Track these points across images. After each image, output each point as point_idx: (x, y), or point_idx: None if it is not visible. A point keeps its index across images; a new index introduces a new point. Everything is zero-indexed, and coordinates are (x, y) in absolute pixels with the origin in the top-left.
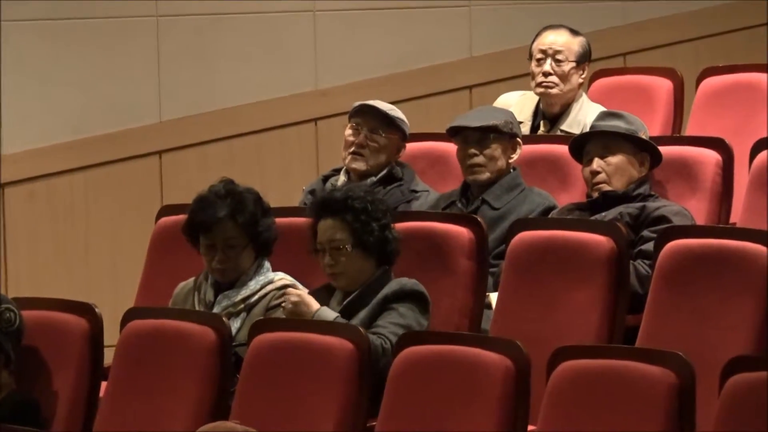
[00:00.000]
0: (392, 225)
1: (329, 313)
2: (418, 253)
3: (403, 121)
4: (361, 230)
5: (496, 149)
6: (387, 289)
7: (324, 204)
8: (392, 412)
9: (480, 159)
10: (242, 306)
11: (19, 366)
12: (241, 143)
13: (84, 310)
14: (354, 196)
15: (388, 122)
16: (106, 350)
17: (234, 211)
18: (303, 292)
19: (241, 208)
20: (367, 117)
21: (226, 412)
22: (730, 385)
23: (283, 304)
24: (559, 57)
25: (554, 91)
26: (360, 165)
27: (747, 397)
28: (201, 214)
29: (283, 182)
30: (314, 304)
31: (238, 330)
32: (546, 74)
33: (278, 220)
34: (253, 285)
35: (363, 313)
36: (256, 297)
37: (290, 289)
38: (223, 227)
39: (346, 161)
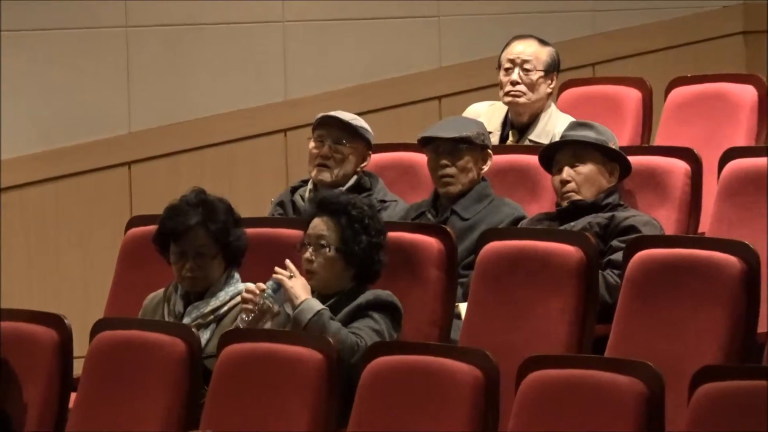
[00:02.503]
0: (383, 247)
1: (315, 304)
2: (388, 263)
3: (366, 129)
4: (349, 237)
5: (468, 161)
6: (362, 298)
7: (324, 202)
8: (362, 422)
9: (452, 170)
10: (212, 317)
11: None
12: (211, 154)
13: (53, 321)
14: (356, 205)
15: (352, 132)
16: (75, 361)
17: (206, 219)
18: (294, 278)
19: (212, 216)
20: (330, 128)
21: (196, 423)
22: (699, 394)
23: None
24: (527, 66)
25: (522, 100)
26: (326, 176)
27: (716, 407)
28: (172, 222)
29: (253, 193)
30: (301, 294)
31: (208, 341)
32: (514, 83)
33: (248, 230)
34: (222, 296)
35: (338, 318)
36: (225, 308)
37: (288, 263)
38: (195, 235)
39: (313, 174)
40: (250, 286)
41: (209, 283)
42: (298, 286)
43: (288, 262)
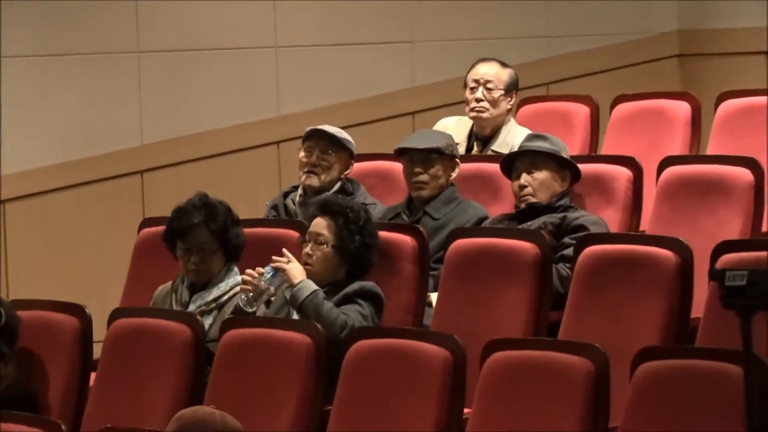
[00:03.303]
0: (375, 248)
1: (311, 285)
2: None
3: (349, 141)
4: (345, 236)
5: (438, 168)
6: (350, 288)
7: (326, 204)
8: (346, 398)
9: (424, 177)
10: (214, 305)
11: (17, 360)
12: (212, 163)
13: (75, 310)
14: (353, 208)
15: (337, 143)
16: (94, 345)
17: (207, 218)
18: (291, 264)
19: (213, 216)
20: (318, 139)
21: (201, 400)
22: (640, 372)
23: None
24: (489, 86)
25: (485, 115)
26: (314, 181)
27: (655, 383)
28: (178, 221)
29: (250, 197)
30: (299, 275)
31: (210, 326)
32: (478, 100)
33: (245, 230)
34: (223, 286)
35: None
36: (225, 297)
37: (285, 252)
38: (198, 233)
39: (302, 179)
40: (250, 270)
41: (211, 275)
42: (296, 270)
43: (285, 250)
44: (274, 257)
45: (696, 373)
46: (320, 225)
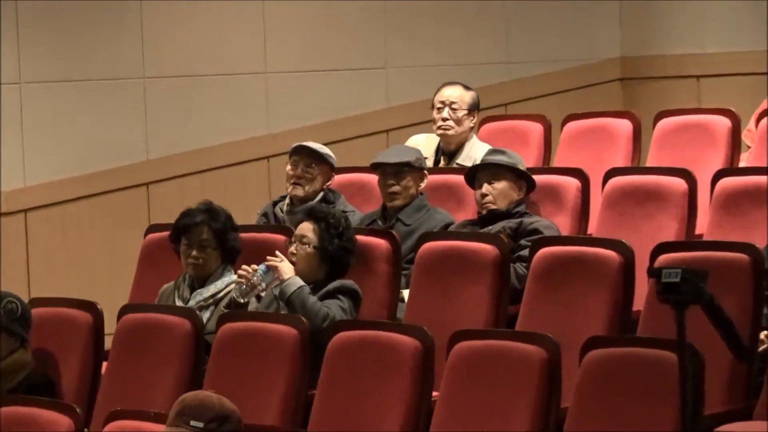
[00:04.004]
0: (352, 251)
1: (299, 281)
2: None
3: (330, 156)
4: (326, 239)
5: (409, 180)
6: (331, 285)
7: (311, 210)
8: (328, 383)
9: (397, 188)
10: (211, 300)
11: (38, 351)
12: (211, 176)
13: (89, 306)
14: (335, 216)
15: (319, 157)
16: (106, 337)
17: (209, 219)
18: (282, 261)
19: (215, 218)
20: (302, 155)
21: (200, 385)
22: (588, 358)
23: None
24: (454, 106)
25: (450, 132)
26: (299, 192)
27: (601, 368)
28: (183, 219)
29: (244, 205)
30: (289, 272)
31: (208, 320)
32: (444, 120)
33: (241, 235)
34: (219, 284)
35: None
36: (221, 294)
37: (277, 253)
38: (199, 230)
39: (289, 190)
40: (245, 266)
41: (209, 271)
42: (286, 267)
43: (277, 252)
44: (268, 257)
45: (637, 359)
46: (305, 228)
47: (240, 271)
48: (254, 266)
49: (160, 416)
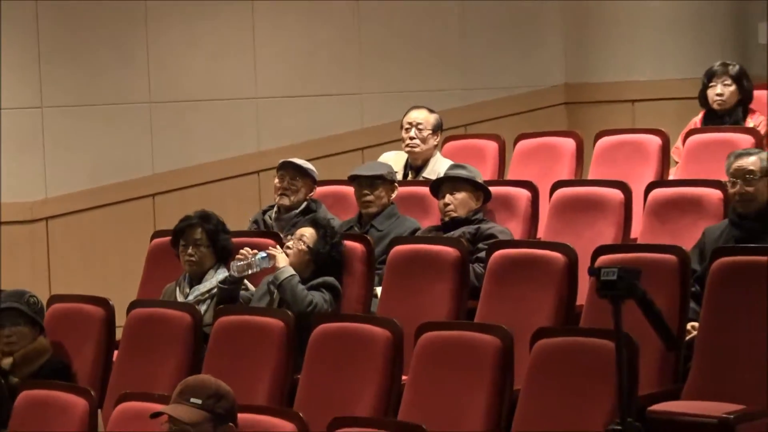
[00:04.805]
0: (339, 259)
1: (291, 270)
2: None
3: (313, 170)
4: (320, 242)
5: (381, 191)
6: (315, 281)
7: (315, 219)
8: (311, 368)
9: (371, 198)
10: (207, 295)
11: (57, 341)
12: (209, 188)
13: (101, 302)
14: (333, 228)
15: (303, 172)
16: (116, 329)
17: (202, 221)
18: (279, 253)
19: (208, 220)
20: (288, 169)
21: (199, 371)
22: (537, 346)
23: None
24: (420, 127)
25: (417, 150)
26: (286, 201)
27: (548, 355)
28: (180, 224)
29: (237, 214)
30: (282, 263)
31: (205, 312)
32: (411, 139)
33: (233, 239)
34: (214, 281)
35: None
36: (216, 289)
37: (276, 246)
38: (194, 231)
39: (277, 200)
40: (248, 248)
41: (204, 268)
42: (282, 258)
43: (276, 245)
44: (270, 247)
45: (579, 347)
46: (306, 230)
47: (243, 251)
48: (255, 250)
49: (163, 398)
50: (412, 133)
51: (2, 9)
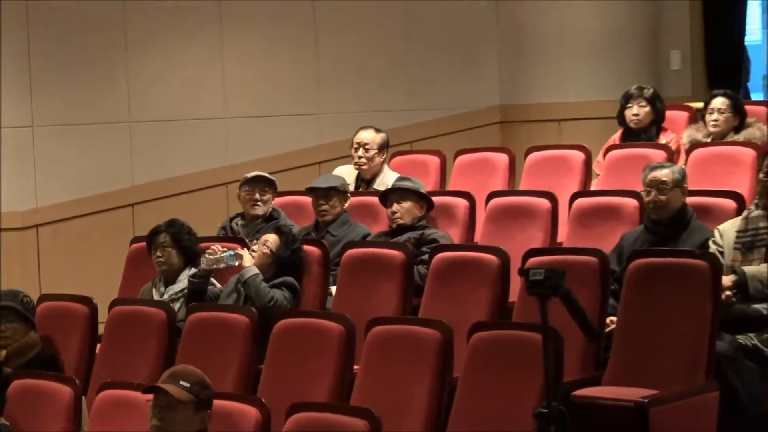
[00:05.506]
0: (298, 262)
1: (255, 269)
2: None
3: (275, 182)
4: (282, 247)
5: (336, 201)
6: (276, 280)
7: (279, 227)
8: (273, 360)
9: (326, 207)
10: (180, 294)
11: (46, 335)
12: (182, 198)
13: (85, 300)
14: (294, 235)
15: (271, 183)
16: (99, 325)
17: (167, 227)
18: (246, 254)
19: (173, 225)
20: (258, 182)
21: (173, 362)
22: (474, 339)
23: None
24: (367, 147)
25: (365, 167)
26: (259, 211)
27: (484, 346)
28: (151, 231)
29: (208, 221)
30: (247, 263)
31: (179, 309)
32: (359, 158)
33: (204, 244)
34: (185, 281)
35: None
36: (187, 285)
37: (242, 251)
38: (160, 235)
39: (250, 211)
40: (218, 244)
41: (173, 267)
42: (248, 257)
43: (243, 247)
44: (238, 248)
45: (511, 339)
46: (270, 236)
47: (213, 247)
48: (225, 247)
49: (141, 386)
50: (360, 152)
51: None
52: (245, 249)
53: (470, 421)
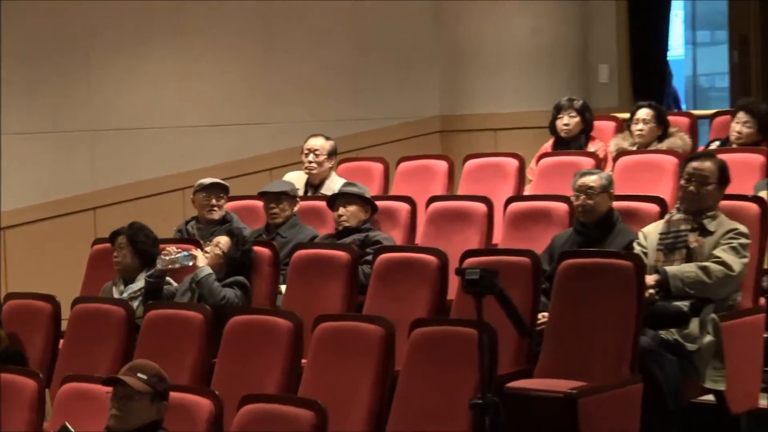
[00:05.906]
0: (247, 262)
1: (206, 270)
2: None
3: (228, 188)
4: (234, 248)
5: (286, 205)
6: (228, 279)
7: (230, 230)
8: (226, 354)
9: (276, 210)
10: (138, 292)
11: (12, 332)
12: (141, 203)
13: (49, 299)
14: (245, 237)
15: (225, 189)
16: (63, 321)
17: (124, 230)
18: (200, 254)
19: (130, 228)
20: (213, 188)
21: (131, 357)
22: (414, 334)
23: (162, 256)
24: (317, 153)
25: (314, 172)
26: (216, 215)
27: (424, 341)
28: (111, 234)
29: (166, 224)
30: (201, 263)
31: (137, 308)
32: (309, 163)
33: (162, 245)
34: (143, 281)
35: None
36: (144, 285)
37: (196, 252)
38: (118, 238)
39: (206, 215)
40: (173, 246)
41: (129, 267)
42: (202, 258)
43: (198, 248)
44: (193, 250)
45: (449, 334)
46: (222, 239)
47: (169, 248)
48: (180, 248)
49: (101, 379)
50: (310, 158)
51: None
52: (199, 250)
53: (410, 411)
